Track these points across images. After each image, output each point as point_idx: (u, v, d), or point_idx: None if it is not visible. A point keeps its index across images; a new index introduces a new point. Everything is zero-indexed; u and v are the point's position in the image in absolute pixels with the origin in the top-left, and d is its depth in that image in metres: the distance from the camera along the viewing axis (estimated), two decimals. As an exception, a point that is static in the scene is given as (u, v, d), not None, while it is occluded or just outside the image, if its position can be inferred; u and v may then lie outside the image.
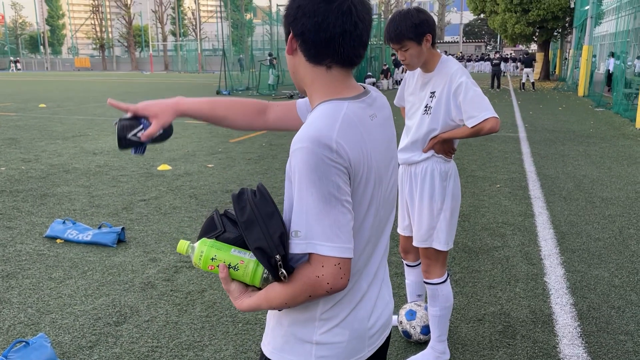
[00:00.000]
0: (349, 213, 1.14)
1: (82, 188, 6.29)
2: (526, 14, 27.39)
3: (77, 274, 3.86)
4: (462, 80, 2.43)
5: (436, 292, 2.69)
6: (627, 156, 8.28)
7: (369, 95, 1.28)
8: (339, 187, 1.12)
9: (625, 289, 3.63)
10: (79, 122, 12.50)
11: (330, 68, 1.22)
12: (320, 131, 1.13)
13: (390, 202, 1.33)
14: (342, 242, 1.12)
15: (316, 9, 1.16)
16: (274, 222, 1.16)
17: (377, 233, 1.29)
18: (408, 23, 2.40)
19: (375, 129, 1.24)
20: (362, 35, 1.20)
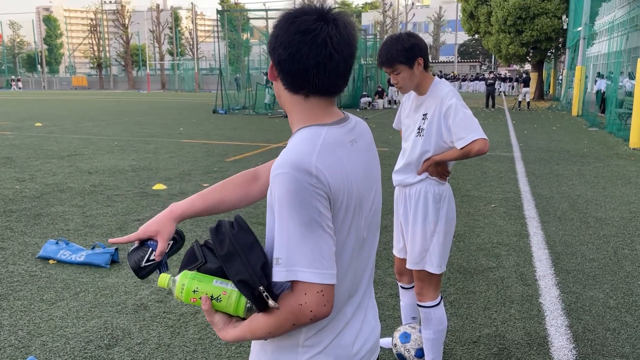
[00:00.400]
0: (331, 238, 1.13)
1: (77, 208, 6.26)
2: (520, 35, 27.75)
3: (69, 296, 3.83)
4: (452, 102, 2.46)
5: (429, 315, 2.67)
6: (620, 176, 8.32)
7: (349, 121, 1.29)
8: (320, 212, 1.11)
9: (620, 310, 3.62)
10: (74, 141, 12.50)
11: (308, 97, 1.23)
12: (300, 156, 1.13)
13: (373, 227, 1.33)
14: (325, 268, 1.11)
15: (291, 40, 1.17)
16: (255, 253, 1.16)
17: (360, 259, 1.29)
18: (399, 47, 2.44)
19: (356, 154, 1.24)
20: (338, 67, 1.20)
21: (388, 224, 5.53)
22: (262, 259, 1.15)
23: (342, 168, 1.17)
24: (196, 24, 67.31)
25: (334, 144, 1.19)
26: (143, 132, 14.36)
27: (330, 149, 1.18)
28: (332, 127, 1.22)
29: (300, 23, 1.17)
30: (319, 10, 1.20)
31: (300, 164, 1.12)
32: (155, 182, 7.66)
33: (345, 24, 1.21)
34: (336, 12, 1.21)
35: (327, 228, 1.12)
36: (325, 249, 1.11)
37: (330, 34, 1.17)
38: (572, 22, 24.39)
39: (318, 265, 1.10)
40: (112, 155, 10.29)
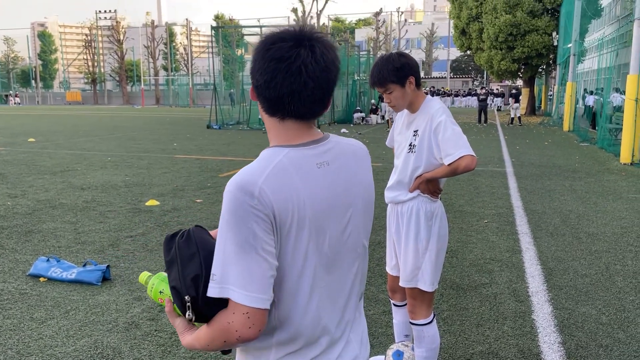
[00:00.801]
0: (265, 262, 1.13)
1: (69, 224, 6.23)
2: (511, 51, 28.06)
3: (60, 314, 3.79)
4: (442, 119, 2.50)
5: (422, 333, 2.67)
6: (612, 191, 8.38)
7: (325, 143, 1.28)
8: (256, 235, 1.12)
9: (612, 326, 3.62)
10: (67, 156, 12.47)
11: (284, 120, 1.25)
12: (247, 176, 1.15)
13: (346, 252, 1.30)
14: (253, 291, 1.11)
15: (267, 67, 1.19)
16: (192, 264, 1.18)
17: (330, 286, 1.27)
18: (390, 67, 2.48)
19: (323, 177, 1.23)
20: (313, 94, 1.21)
21: (381, 240, 5.53)
22: (197, 271, 1.17)
23: (294, 191, 1.17)
24: (191, 40, 67.64)
25: (290, 167, 1.19)
26: (137, 148, 14.35)
27: (285, 170, 1.18)
28: (296, 148, 1.23)
29: (275, 50, 1.18)
30: (297, 36, 1.20)
31: (244, 185, 1.14)
32: (148, 198, 7.63)
33: (323, 49, 1.21)
34: (314, 37, 1.21)
35: (261, 251, 1.12)
36: (256, 272, 1.12)
37: (305, 61, 1.18)
38: (562, 38, 24.71)
39: (247, 287, 1.11)
40: (105, 170, 10.27)
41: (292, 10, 49.88)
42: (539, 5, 27.20)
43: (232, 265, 1.12)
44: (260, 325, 1.14)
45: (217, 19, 61.71)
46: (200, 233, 1.24)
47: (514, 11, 27.04)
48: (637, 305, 3.98)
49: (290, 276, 1.21)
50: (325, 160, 1.25)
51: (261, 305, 1.12)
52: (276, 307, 1.22)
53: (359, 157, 1.35)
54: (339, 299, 1.30)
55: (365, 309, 3.89)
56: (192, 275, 1.17)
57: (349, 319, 1.34)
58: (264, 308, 1.13)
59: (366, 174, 1.37)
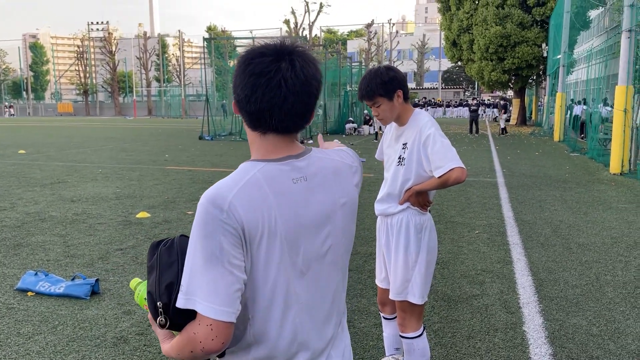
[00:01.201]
0: (231, 276, 1.14)
1: (58, 237, 6.17)
2: (502, 62, 28.32)
3: (47, 329, 3.74)
4: (431, 131, 2.51)
5: (412, 346, 2.66)
6: (602, 201, 8.43)
7: (304, 158, 1.29)
8: (223, 248, 1.14)
9: (603, 337, 3.63)
10: (58, 168, 12.40)
11: (265, 134, 1.26)
12: (219, 190, 1.17)
13: (325, 268, 1.31)
14: (217, 304, 1.13)
15: (247, 82, 1.21)
16: (170, 272, 1.21)
17: (307, 302, 1.27)
18: (378, 81, 2.51)
19: (298, 192, 1.24)
20: (294, 108, 1.22)
21: (373, 252, 5.51)
22: (172, 279, 1.20)
23: (264, 205, 1.19)
24: (183, 51, 67.74)
25: (264, 181, 1.21)
26: (128, 159, 14.29)
27: (256, 185, 1.19)
28: (272, 163, 1.24)
29: (255, 65, 1.20)
30: (277, 50, 1.21)
31: (215, 198, 1.16)
32: (139, 210, 7.59)
33: (303, 63, 1.22)
34: (295, 51, 1.22)
35: (227, 265, 1.14)
36: (221, 285, 1.13)
37: (285, 76, 1.19)
38: (551, 50, 24.98)
39: (211, 299, 1.12)
40: (96, 182, 10.21)
41: (285, 22, 50.14)
42: (528, 17, 27.52)
43: (198, 277, 1.13)
44: (224, 337, 1.15)
45: (210, 31, 61.89)
46: (184, 242, 1.26)
47: (504, 23, 27.34)
48: (628, 316, 3.99)
49: (263, 291, 1.21)
50: (302, 176, 1.26)
51: (225, 318, 1.13)
52: (251, 323, 1.23)
53: (341, 174, 1.35)
54: (318, 314, 1.31)
55: (357, 322, 3.87)
56: (168, 282, 1.20)
57: (330, 334, 1.34)
58: (228, 321, 1.14)
59: (348, 191, 1.35)
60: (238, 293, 1.16)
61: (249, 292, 1.21)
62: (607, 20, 25.42)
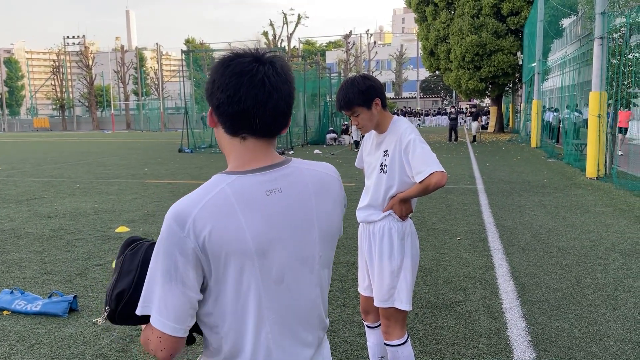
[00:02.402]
0: (183, 296, 1.15)
1: (34, 254, 6.03)
2: (478, 71, 28.74)
3: (24, 349, 3.64)
4: (411, 137, 2.53)
5: (397, 354, 2.64)
6: (579, 205, 8.55)
7: (282, 168, 1.26)
8: (177, 267, 1.14)
9: (585, 340, 3.66)
10: (34, 184, 12.17)
11: (245, 139, 1.23)
12: (183, 207, 1.16)
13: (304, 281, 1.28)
14: (167, 319, 1.15)
15: (228, 82, 1.18)
16: (125, 280, 1.25)
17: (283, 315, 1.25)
18: (355, 90, 2.52)
19: (271, 204, 1.21)
20: (278, 105, 1.21)
21: (356, 261, 5.49)
22: (124, 288, 1.24)
23: (231, 220, 1.16)
24: (161, 64, 67.38)
25: (232, 195, 1.18)
26: (106, 173, 14.10)
27: (223, 200, 1.17)
28: (244, 175, 1.21)
29: (235, 65, 1.19)
30: (254, 54, 1.22)
31: (178, 215, 1.15)
32: (118, 225, 7.47)
33: (282, 64, 1.23)
34: (271, 55, 1.23)
35: (180, 284, 1.14)
36: (172, 302, 1.15)
37: (267, 73, 1.19)
38: (526, 58, 25.43)
39: (162, 313, 1.15)
40: (74, 198, 10.04)
41: (263, 34, 50.29)
42: (503, 26, 28.01)
43: (155, 290, 1.16)
44: (172, 350, 1.18)
45: (188, 43, 61.71)
46: (149, 252, 1.25)
47: (480, 32, 27.79)
48: (609, 318, 4.03)
49: (234, 308, 1.20)
50: (277, 187, 1.23)
51: (173, 333, 1.16)
52: (225, 340, 1.22)
53: (320, 186, 1.31)
54: (297, 328, 1.28)
55: (341, 331, 3.84)
56: (120, 289, 1.23)
57: (309, 353, 1.31)
58: (175, 336, 1.16)
59: (327, 203, 1.32)
60: (190, 311, 1.18)
61: (218, 309, 1.20)
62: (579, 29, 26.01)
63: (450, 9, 30.38)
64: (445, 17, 30.09)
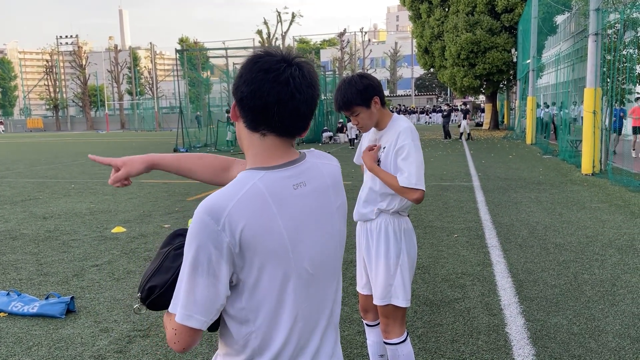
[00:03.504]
0: (213, 287, 1.16)
1: (30, 255, 6.00)
2: (473, 68, 28.77)
3: (21, 350, 3.61)
4: (407, 142, 2.50)
5: (396, 352, 2.64)
6: (575, 202, 8.58)
7: (302, 163, 1.29)
8: (211, 260, 1.14)
9: (584, 336, 3.66)
10: (29, 185, 12.10)
11: (265, 135, 1.25)
12: (217, 201, 1.17)
13: (327, 269, 1.32)
14: (188, 310, 1.16)
15: (254, 77, 1.21)
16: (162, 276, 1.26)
17: (311, 307, 1.27)
18: (353, 90, 2.50)
19: (300, 198, 1.25)
20: (299, 107, 1.23)
21: (354, 259, 5.49)
22: (157, 284, 1.24)
23: (266, 215, 1.18)
24: (155, 64, 67.14)
25: (266, 190, 1.20)
26: (101, 174, 14.03)
27: (257, 195, 1.19)
28: (272, 171, 1.24)
29: (263, 62, 1.22)
30: (283, 55, 1.25)
31: (213, 209, 1.15)
32: (114, 225, 7.44)
33: (310, 69, 1.26)
34: (300, 59, 1.26)
35: (211, 277, 1.15)
36: (199, 294, 1.15)
37: (293, 74, 1.21)
38: (521, 55, 25.50)
39: (187, 306, 1.16)
40: (69, 198, 9.99)
41: (257, 32, 50.15)
42: (497, 24, 28.06)
43: (183, 285, 1.16)
44: (185, 344, 1.19)
45: (182, 42, 61.50)
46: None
47: (474, 29, 27.82)
48: (607, 313, 4.04)
49: (269, 303, 1.21)
50: (302, 181, 1.26)
51: (194, 325, 1.16)
52: (255, 335, 1.23)
53: (335, 178, 1.37)
54: (322, 323, 1.31)
55: (340, 330, 3.83)
56: (153, 284, 1.25)
57: (328, 339, 1.35)
58: (194, 327, 1.17)
59: (341, 194, 1.38)
60: (217, 305, 1.17)
61: (253, 304, 1.20)
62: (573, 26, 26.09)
63: (445, 6, 30.41)
64: (439, 14, 30.11)
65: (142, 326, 3.97)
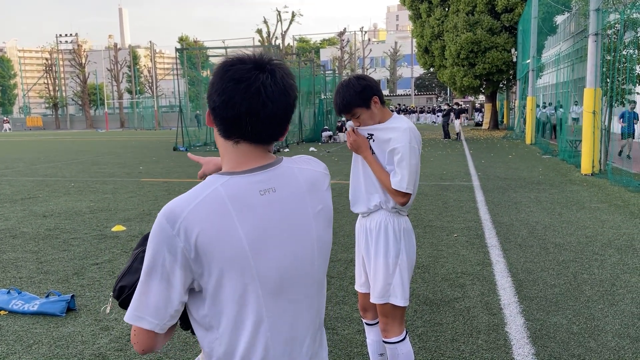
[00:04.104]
0: (165, 291, 1.17)
1: (30, 254, 6.00)
2: (473, 68, 28.79)
3: (22, 349, 3.62)
4: (403, 144, 2.49)
5: (396, 351, 2.65)
6: (575, 202, 8.59)
7: (273, 169, 1.26)
8: (164, 264, 1.16)
9: (583, 335, 3.67)
10: (28, 183, 12.10)
11: (238, 143, 1.25)
12: (176, 205, 1.18)
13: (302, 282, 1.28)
14: (143, 313, 1.18)
15: (225, 87, 1.20)
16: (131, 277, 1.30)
17: (283, 318, 1.25)
18: (352, 92, 2.51)
19: (266, 204, 1.22)
20: (273, 116, 1.21)
21: (353, 258, 5.50)
22: (127, 284, 1.29)
23: (224, 221, 1.17)
24: (155, 62, 67.09)
25: (226, 195, 1.19)
26: (101, 172, 14.03)
27: (216, 200, 1.18)
28: (237, 176, 1.22)
29: (234, 71, 1.20)
30: (256, 60, 1.22)
31: (170, 213, 1.16)
32: (114, 224, 7.44)
33: (283, 74, 1.23)
34: (274, 63, 1.23)
35: (164, 281, 1.16)
36: (151, 297, 1.17)
37: (264, 83, 1.19)
38: (520, 55, 25.50)
39: (139, 308, 1.18)
40: (69, 197, 9.99)
41: (257, 32, 50.12)
42: (497, 23, 28.07)
43: (139, 287, 1.19)
44: (144, 345, 1.21)
45: (182, 41, 61.47)
46: None
47: (474, 29, 27.83)
48: (606, 313, 4.05)
49: (230, 309, 1.20)
50: (271, 187, 1.24)
51: (146, 327, 1.18)
52: (219, 342, 1.22)
53: (315, 182, 1.33)
54: (297, 331, 1.28)
55: (340, 329, 3.85)
56: (123, 284, 1.29)
57: (308, 353, 1.32)
58: (149, 329, 1.18)
59: (322, 200, 1.34)
60: (170, 310, 1.18)
61: (215, 310, 1.20)
62: (572, 26, 26.11)
63: (445, 6, 30.40)
64: (439, 14, 30.11)
65: (143, 325, 3.97)
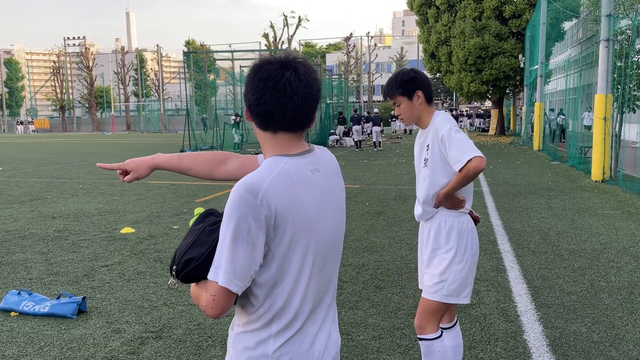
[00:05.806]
0: (251, 255, 1.30)
1: (40, 255, 5.97)
2: (480, 73, 28.70)
3: (33, 351, 3.58)
4: (446, 128, 2.54)
5: (431, 347, 2.62)
6: (587, 208, 8.50)
7: (313, 152, 1.49)
8: (250, 231, 1.29)
9: (604, 344, 3.60)
10: (36, 184, 12.10)
11: (276, 133, 1.44)
12: (254, 180, 1.33)
13: (335, 247, 1.50)
14: (233, 276, 1.29)
15: (256, 86, 1.40)
16: (198, 249, 1.36)
17: (322, 276, 1.45)
18: (398, 80, 2.60)
19: (318, 181, 1.44)
20: (298, 107, 1.40)
21: (366, 263, 5.44)
22: (194, 256, 1.35)
23: (295, 193, 1.36)
24: (162, 66, 67.31)
25: (292, 172, 1.38)
26: (109, 174, 14.02)
27: (287, 175, 1.36)
28: (294, 157, 1.42)
29: (263, 72, 1.40)
30: (282, 60, 1.41)
31: (250, 186, 1.31)
32: (123, 226, 7.41)
33: (306, 70, 1.42)
34: (298, 61, 1.42)
35: (250, 246, 1.30)
36: (239, 262, 1.30)
37: (289, 79, 1.38)
38: (528, 61, 25.42)
39: (229, 272, 1.30)
40: (77, 198, 9.98)
41: (264, 36, 50.22)
42: (505, 29, 28.01)
43: (225, 253, 1.30)
44: (222, 309, 1.32)
45: (188, 45, 61.66)
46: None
47: (482, 34, 27.77)
48: (626, 321, 3.97)
49: (294, 269, 1.37)
50: (316, 167, 1.45)
51: (233, 288, 1.30)
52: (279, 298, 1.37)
53: (336, 166, 1.59)
54: (326, 289, 1.48)
55: (355, 334, 3.79)
56: (190, 257, 1.36)
57: (331, 307, 1.54)
58: (233, 291, 1.31)
59: (342, 181, 1.60)
60: (252, 272, 1.32)
61: (280, 271, 1.36)
62: (580, 32, 26.04)
63: (452, 12, 30.37)
64: (447, 19, 30.07)
65: (155, 327, 3.93)
